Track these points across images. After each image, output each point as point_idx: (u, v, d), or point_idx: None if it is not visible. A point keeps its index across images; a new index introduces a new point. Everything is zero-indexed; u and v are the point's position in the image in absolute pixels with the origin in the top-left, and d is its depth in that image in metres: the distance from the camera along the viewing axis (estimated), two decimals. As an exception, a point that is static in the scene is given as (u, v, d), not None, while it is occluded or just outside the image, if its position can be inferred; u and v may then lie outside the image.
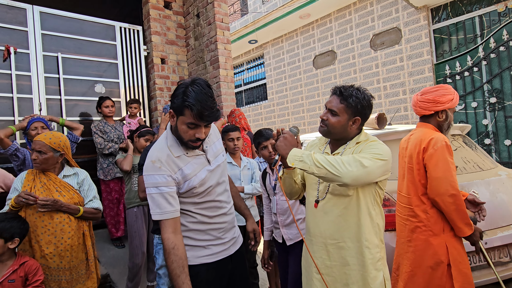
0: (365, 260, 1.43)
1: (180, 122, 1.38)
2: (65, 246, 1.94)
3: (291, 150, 1.39)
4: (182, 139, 1.41)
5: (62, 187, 2.02)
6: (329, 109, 1.51)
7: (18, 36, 3.64)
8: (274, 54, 8.64)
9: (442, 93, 1.86)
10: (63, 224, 1.95)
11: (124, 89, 4.40)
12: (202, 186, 1.45)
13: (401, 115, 6.06)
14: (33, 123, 2.71)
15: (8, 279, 1.69)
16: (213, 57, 4.40)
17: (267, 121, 8.95)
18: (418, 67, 5.81)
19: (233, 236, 1.61)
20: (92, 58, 4.17)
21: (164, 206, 1.36)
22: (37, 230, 1.88)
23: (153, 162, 1.39)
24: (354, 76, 6.80)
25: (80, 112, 4.05)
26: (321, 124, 1.55)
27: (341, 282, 1.46)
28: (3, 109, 3.52)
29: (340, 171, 1.31)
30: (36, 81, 3.71)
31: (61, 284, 1.92)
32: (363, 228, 1.45)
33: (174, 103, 1.37)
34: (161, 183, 1.37)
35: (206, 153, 1.53)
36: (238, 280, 1.63)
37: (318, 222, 1.52)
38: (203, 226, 1.48)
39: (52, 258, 1.90)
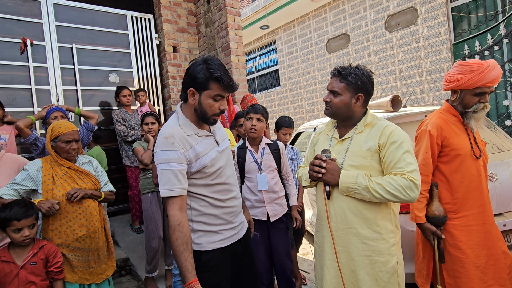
0: (378, 246, 1.43)
1: (205, 97, 1.41)
2: (94, 228, 2.05)
3: (341, 178, 1.44)
4: (206, 115, 1.45)
5: (84, 174, 2.11)
6: (331, 91, 1.54)
7: (33, 28, 3.73)
8: (286, 39, 8.51)
9: (454, 70, 1.78)
10: (91, 209, 2.06)
11: (137, 78, 4.46)
12: (213, 166, 1.47)
13: (417, 98, 5.91)
14: (52, 112, 2.81)
15: (30, 262, 1.76)
16: (224, 44, 4.38)
17: (280, 107, 8.90)
18: (435, 47, 5.61)
19: (242, 220, 1.64)
20: (106, 48, 4.23)
21: (173, 183, 1.36)
22: (69, 216, 1.97)
23: (166, 138, 1.39)
24: (368, 59, 6.64)
25: (96, 101, 4.15)
26: (325, 107, 1.57)
27: (349, 268, 1.47)
28: (22, 101, 3.64)
29: (402, 199, 1.36)
30: (52, 72, 3.81)
31: (90, 264, 2.04)
32: (376, 214, 1.45)
33: (197, 79, 1.39)
34: (173, 159, 1.37)
35: (215, 135, 1.56)
36: (247, 264, 1.66)
37: (329, 208, 1.52)
38: (215, 210, 1.50)
39: (84, 239, 2.01)
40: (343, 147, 1.53)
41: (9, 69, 3.57)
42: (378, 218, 1.45)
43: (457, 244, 1.76)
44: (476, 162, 1.79)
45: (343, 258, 1.48)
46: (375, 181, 1.39)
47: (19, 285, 1.71)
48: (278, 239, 2.26)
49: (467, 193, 1.78)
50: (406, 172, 1.37)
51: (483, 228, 1.76)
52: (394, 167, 1.40)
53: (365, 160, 1.45)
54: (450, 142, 1.79)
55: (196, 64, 1.42)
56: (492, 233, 1.78)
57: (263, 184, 2.20)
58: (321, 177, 1.48)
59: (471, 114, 1.79)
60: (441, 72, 5.56)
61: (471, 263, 1.73)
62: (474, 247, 1.74)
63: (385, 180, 1.38)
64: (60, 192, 1.96)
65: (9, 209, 1.73)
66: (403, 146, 1.41)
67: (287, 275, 2.24)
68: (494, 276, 1.73)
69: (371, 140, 1.47)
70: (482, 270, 1.72)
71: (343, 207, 1.47)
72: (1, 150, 2.12)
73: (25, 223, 1.74)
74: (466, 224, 1.76)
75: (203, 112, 1.44)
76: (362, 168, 1.45)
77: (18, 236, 1.73)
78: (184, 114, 1.50)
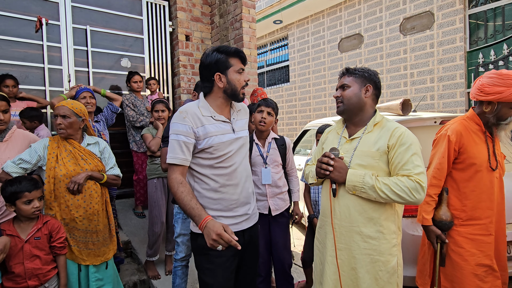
0: (380, 245, 1.45)
1: (231, 74, 1.53)
2: (93, 210, 2.04)
3: (348, 176, 1.46)
4: (236, 90, 1.55)
5: (87, 155, 2.10)
6: (340, 86, 1.59)
7: (49, 7, 3.74)
8: (298, 35, 8.46)
9: (493, 82, 1.71)
10: (91, 190, 2.05)
11: (149, 64, 4.47)
12: (221, 150, 1.52)
13: (427, 104, 5.87)
14: (82, 92, 2.88)
15: (34, 237, 1.80)
16: (237, 36, 4.37)
17: (288, 104, 8.89)
18: (449, 54, 5.55)
19: (247, 212, 1.62)
20: (119, 32, 4.24)
21: (177, 152, 1.47)
22: (67, 195, 1.98)
23: (180, 112, 1.51)
24: (380, 61, 6.59)
25: (107, 85, 4.17)
26: (337, 105, 1.61)
27: (349, 266, 1.49)
28: (35, 79, 3.68)
29: (407, 200, 1.38)
30: (66, 53, 3.83)
31: (88, 246, 2.04)
32: (381, 214, 1.46)
33: (218, 62, 1.51)
34: (181, 131, 1.48)
35: (233, 123, 1.60)
36: (249, 258, 1.67)
37: (334, 205, 1.53)
38: (215, 194, 1.53)
39: (81, 221, 2.01)
40: (351, 146, 1.54)
41: (24, 47, 3.60)
42: (382, 218, 1.46)
43: (459, 250, 1.77)
44: (491, 174, 1.78)
45: (344, 255, 1.50)
46: (381, 181, 1.40)
47: (24, 258, 1.75)
48: (278, 233, 2.29)
49: (477, 203, 1.78)
50: (413, 174, 1.38)
51: (489, 239, 1.77)
52: (402, 169, 1.42)
53: (373, 160, 1.46)
54: (467, 150, 1.78)
55: (210, 54, 1.54)
56: (499, 246, 1.78)
57: (267, 178, 2.22)
58: (328, 174, 1.50)
59: (504, 126, 1.77)
60: (453, 80, 5.51)
61: (470, 271, 1.74)
62: (476, 256, 1.74)
63: (391, 181, 1.40)
64: (61, 171, 1.97)
65: (18, 182, 1.77)
66: (412, 148, 1.43)
67: (285, 269, 2.27)
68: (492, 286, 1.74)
69: (381, 140, 1.48)
70: (481, 278, 1.73)
71: (348, 205, 1.48)
72: (13, 126, 2.15)
73: (35, 194, 1.78)
74: (472, 232, 1.77)
75: (234, 88, 1.54)
76: (370, 168, 1.46)
77: (29, 207, 1.76)
78: (206, 100, 1.59)
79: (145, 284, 2.91)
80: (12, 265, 1.73)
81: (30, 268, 1.76)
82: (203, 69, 1.57)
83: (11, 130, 2.11)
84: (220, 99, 1.58)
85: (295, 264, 3.16)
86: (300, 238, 4.08)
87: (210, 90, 1.58)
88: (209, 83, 1.56)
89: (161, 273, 2.93)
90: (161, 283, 2.81)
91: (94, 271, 2.07)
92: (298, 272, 3.10)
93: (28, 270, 1.75)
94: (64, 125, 2.01)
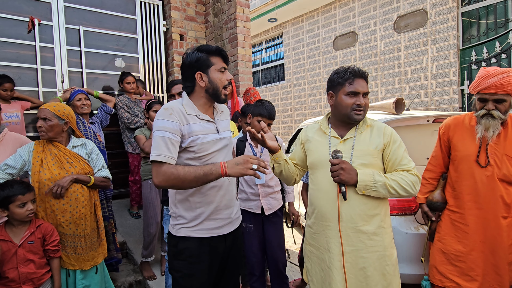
0: (384, 240, 1.49)
1: (213, 72, 1.51)
2: (79, 214, 2.00)
3: (359, 177, 1.45)
4: (218, 90, 1.53)
5: (73, 157, 2.05)
6: (364, 93, 1.54)
7: (42, 8, 3.71)
8: (293, 34, 8.45)
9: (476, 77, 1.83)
10: (77, 194, 2.00)
11: (143, 64, 4.45)
12: (204, 150, 1.49)
13: (421, 101, 5.91)
14: (77, 94, 2.87)
15: (27, 241, 1.79)
16: (231, 35, 4.36)
17: (283, 102, 8.89)
18: (442, 52, 5.59)
19: (229, 216, 1.60)
20: (113, 32, 4.21)
21: (162, 149, 1.40)
22: (53, 200, 1.94)
23: (165, 109, 1.47)
24: (374, 59, 6.61)
25: (100, 85, 4.14)
26: (358, 112, 1.52)
27: (357, 267, 1.48)
28: (28, 80, 3.65)
29: (411, 193, 1.48)
30: (59, 53, 3.80)
31: (77, 250, 2.00)
32: (381, 210, 1.51)
33: (199, 60, 1.49)
34: (167, 128, 1.43)
35: (217, 123, 1.59)
36: (231, 262, 1.66)
37: (342, 208, 1.49)
38: (197, 197, 1.51)
39: (68, 225, 1.97)
40: (347, 147, 1.55)
41: (16, 47, 3.57)
42: (382, 214, 1.52)
43: (439, 229, 1.98)
44: (478, 169, 1.81)
45: (352, 257, 1.48)
46: (390, 178, 1.46)
47: (18, 263, 1.74)
48: (272, 232, 2.30)
49: (459, 193, 1.91)
50: (411, 169, 1.49)
51: (466, 228, 1.86)
52: (400, 164, 1.51)
53: (373, 159, 1.52)
54: (452, 142, 1.94)
55: (190, 53, 1.53)
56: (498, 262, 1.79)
57: (260, 178, 2.23)
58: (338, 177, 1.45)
59: (478, 119, 1.82)
60: (446, 77, 5.55)
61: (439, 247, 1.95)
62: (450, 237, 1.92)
63: (397, 176, 1.47)
64: (46, 176, 1.93)
65: (10, 186, 1.76)
66: (402, 145, 1.54)
67: (279, 268, 2.28)
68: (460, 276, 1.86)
69: (376, 139, 1.53)
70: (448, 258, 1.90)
71: (355, 206, 1.48)
72: (4, 129, 2.14)
73: (29, 197, 1.77)
74: (453, 218, 1.92)
75: (215, 87, 1.52)
76: (371, 166, 1.51)
77: (23, 211, 1.75)
78: (191, 99, 1.57)
79: (141, 284, 2.91)
80: (6, 270, 1.72)
81: (24, 272, 1.75)
82: (185, 69, 1.54)
83: (2, 132, 2.09)
84: (203, 99, 1.55)
85: (291, 263, 3.18)
86: (297, 237, 4.10)
87: (192, 90, 1.55)
88: (190, 82, 1.54)
89: (156, 274, 2.93)
90: (156, 284, 2.82)
91: (81, 278, 2.03)
92: (293, 270, 3.12)
93: (23, 274, 1.74)
94: (44, 128, 1.97)
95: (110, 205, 2.68)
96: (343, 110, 1.55)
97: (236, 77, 4.34)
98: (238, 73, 4.33)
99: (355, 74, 1.52)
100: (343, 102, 1.54)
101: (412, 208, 2.24)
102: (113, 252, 2.56)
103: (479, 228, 1.82)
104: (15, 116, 3.17)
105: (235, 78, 4.34)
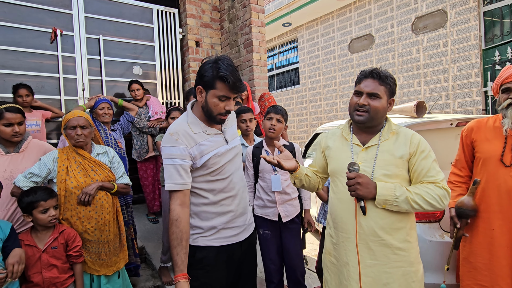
0: (409, 255, 1.40)
1: (211, 96, 1.43)
2: (104, 221, 2.04)
3: (378, 191, 1.36)
4: (212, 113, 1.45)
5: (97, 165, 2.10)
6: (369, 93, 1.43)
7: (63, 19, 3.83)
8: (308, 37, 8.42)
9: None
10: (102, 201, 2.05)
11: (160, 71, 4.52)
12: (217, 163, 1.48)
13: (442, 104, 5.74)
14: (101, 103, 2.96)
15: (51, 246, 1.83)
16: (247, 41, 4.38)
17: (298, 106, 8.85)
18: (463, 52, 5.42)
19: (244, 223, 1.61)
20: (131, 41, 4.30)
21: (175, 178, 1.41)
22: (79, 208, 1.98)
23: (171, 135, 1.44)
24: (392, 61, 6.49)
25: (118, 92, 4.23)
26: (358, 113, 1.44)
27: (380, 282, 1.40)
28: (50, 89, 3.77)
29: (437, 208, 1.37)
30: (80, 62, 3.91)
31: (101, 256, 2.04)
32: (406, 224, 1.42)
33: (204, 77, 1.41)
34: (176, 155, 1.41)
35: (224, 134, 1.57)
36: (247, 268, 1.66)
37: (360, 221, 1.42)
38: (213, 207, 1.51)
39: (93, 232, 2.01)
40: (369, 155, 1.45)
41: (39, 58, 3.70)
42: (408, 227, 1.42)
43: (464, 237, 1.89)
44: (504, 170, 1.73)
45: (374, 272, 1.40)
46: (413, 192, 1.36)
47: (42, 268, 1.78)
48: (290, 240, 2.26)
49: (483, 196, 1.81)
50: (439, 181, 1.37)
51: (490, 233, 1.76)
52: (426, 176, 1.39)
53: (398, 169, 1.41)
54: (476, 144, 1.88)
55: (207, 63, 1.44)
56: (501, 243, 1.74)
57: (277, 185, 2.20)
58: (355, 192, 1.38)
59: (504, 113, 1.76)
60: (468, 78, 5.37)
61: (465, 256, 1.87)
62: (473, 245, 1.83)
63: (422, 190, 1.36)
64: (72, 184, 1.97)
65: (33, 193, 1.81)
66: (431, 154, 1.41)
67: (297, 277, 2.24)
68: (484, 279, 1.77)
69: (401, 148, 1.42)
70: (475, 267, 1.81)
71: (376, 219, 1.39)
72: (28, 136, 2.20)
73: (51, 203, 1.81)
74: (477, 223, 1.82)
75: (209, 111, 1.45)
76: (395, 177, 1.40)
77: (45, 216, 1.79)
78: (193, 113, 1.52)
79: (160, 290, 2.92)
80: (31, 274, 1.76)
81: (48, 277, 1.79)
82: (197, 74, 1.49)
83: (26, 140, 2.15)
84: (203, 113, 1.50)
85: (309, 270, 3.12)
86: (314, 243, 4.04)
87: (196, 99, 1.51)
88: (195, 91, 1.49)
89: (175, 280, 2.94)
90: (175, 290, 2.82)
91: (105, 282, 2.08)
92: (312, 278, 3.06)
93: (46, 279, 1.78)
94: (84, 136, 2.04)
95: (130, 210, 2.71)
96: (349, 110, 1.51)
97: (251, 82, 4.35)
98: (253, 78, 4.33)
99: (365, 74, 1.47)
100: (350, 102, 1.51)
101: (437, 215, 2.16)
102: (132, 257, 2.58)
103: (505, 233, 1.73)
104: (35, 125, 3.26)
105: (250, 83, 4.35)
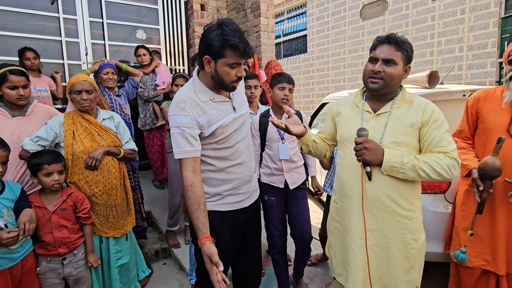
0: (412, 223, 1.42)
1: (221, 65, 1.37)
2: (111, 185, 2.08)
3: (385, 157, 1.34)
4: (224, 82, 1.41)
5: (104, 130, 2.10)
6: (384, 60, 1.38)
7: (63, -22, 3.67)
8: (318, 2, 8.05)
9: None
10: (109, 166, 2.08)
11: (164, 36, 4.39)
12: (225, 132, 1.47)
13: (454, 75, 5.57)
14: (105, 68, 2.89)
15: (60, 208, 1.87)
16: (254, 4, 4.19)
17: (305, 75, 8.66)
18: (481, 20, 5.16)
19: (249, 189, 1.63)
20: (133, 3, 4.14)
21: (185, 146, 1.40)
22: (86, 172, 2.01)
23: (177, 103, 1.41)
24: (405, 29, 6.22)
25: (121, 57, 4.14)
26: (373, 80, 1.41)
27: (379, 246, 1.44)
28: (53, 52, 3.69)
29: (445, 178, 1.34)
30: (82, 25, 3.80)
31: (109, 219, 2.11)
32: (411, 192, 1.42)
33: (211, 46, 1.34)
34: (183, 123, 1.39)
35: (232, 101, 1.53)
36: (251, 233, 1.70)
37: (366, 187, 1.43)
38: (220, 174, 1.52)
39: (101, 195, 2.05)
40: (380, 123, 1.43)
41: (40, 19, 3.59)
42: (413, 197, 1.43)
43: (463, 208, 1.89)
44: (510, 141, 1.69)
45: (375, 236, 1.44)
46: (421, 160, 1.34)
47: (52, 228, 1.84)
48: (297, 206, 2.29)
49: None
50: (449, 151, 1.35)
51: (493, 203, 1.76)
52: (437, 145, 1.37)
53: (408, 137, 1.39)
54: (481, 114, 1.83)
55: (210, 30, 1.35)
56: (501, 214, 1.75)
57: (285, 153, 2.19)
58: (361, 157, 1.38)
59: (508, 84, 1.72)
60: (484, 48, 5.16)
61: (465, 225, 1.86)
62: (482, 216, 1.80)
63: (430, 158, 1.34)
64: (79, 148, 1.98)
65: (40, 155, 1.82)
66: (444, 125, 1.38)
67: (306, 242, 2.29)
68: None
69: (413, 116, 1.39)
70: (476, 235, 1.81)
71: (381, 186, 1.40)
72: (34, 100, 2.18)
73: (55, 167, 1.82)
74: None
75: (221, 80, 1.40)
76: (404, 145, 1.39)
77: (49, 180, 1.82)
78: (200, 80, 1.47)
79: (166, 252, 3.03)
80: (42, 234, 1.82)
81: (59, 237, 1.85)
82: (200, 41, 1.41)
83: (32, 104, 2.14)
84: (211, 82, 1.45)
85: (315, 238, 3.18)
86: (316, 211, 4.11)
87: (203, 67, 1.44)
88: (201, 59, 1.42)
89: (181, 242, 3.04)
90: (181, 252, 2.93)
91: (114, 244, 2.16)
92: (314, 244, 3.14)
93: (57, 239, 1.84)
94: (90, 100, 2.03)
95: (136, 175, 2.75)
96: (363, 78, 1.46)
97: (258, 49, 4.22)
98: (260, 45, 4.19)
99: (381, 40, 1.42)
100: (364, 69, 1.45)
101: (443, 187, 2.15)
102: (140, 221, 2.66)
103: (506, 203, 1.73)
104: (44, 90, 3.23)
105: (257, 50, 4.22)
